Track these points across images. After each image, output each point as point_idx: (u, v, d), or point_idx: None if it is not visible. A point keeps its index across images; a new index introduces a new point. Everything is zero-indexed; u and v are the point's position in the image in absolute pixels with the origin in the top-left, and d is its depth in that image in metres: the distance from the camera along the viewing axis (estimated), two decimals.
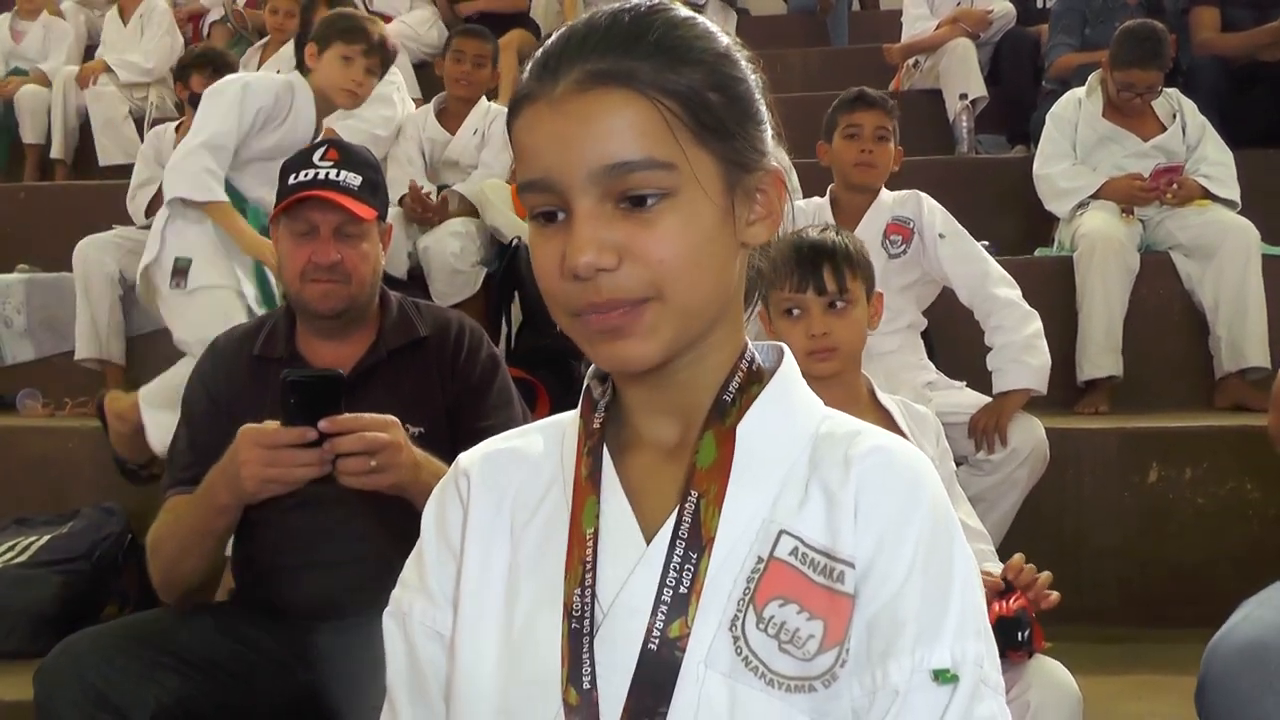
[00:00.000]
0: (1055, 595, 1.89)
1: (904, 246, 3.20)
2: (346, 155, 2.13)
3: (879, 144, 3.25)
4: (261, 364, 2.11)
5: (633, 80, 0.88)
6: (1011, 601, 1.82)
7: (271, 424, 1.76)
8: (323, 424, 1.72)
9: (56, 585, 2.97)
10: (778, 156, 0.97)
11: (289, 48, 5.24)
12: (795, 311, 2.07)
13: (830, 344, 2.05)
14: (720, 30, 0.95)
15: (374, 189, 2.12)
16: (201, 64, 4.84)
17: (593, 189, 0.87)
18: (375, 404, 2.01)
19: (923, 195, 3.25)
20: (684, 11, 0.94)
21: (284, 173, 2.16)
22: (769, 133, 0.96)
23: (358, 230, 2.09)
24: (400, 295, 2.25)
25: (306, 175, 2.11)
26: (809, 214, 3.15)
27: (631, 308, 0.88)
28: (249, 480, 1.76)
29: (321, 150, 2.12)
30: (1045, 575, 1.90)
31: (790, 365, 1.00)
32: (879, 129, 3.25)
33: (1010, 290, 3.09)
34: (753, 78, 0.96)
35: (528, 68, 0.93)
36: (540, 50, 0.93)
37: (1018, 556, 1.92)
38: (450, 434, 2.08)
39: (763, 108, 0.96)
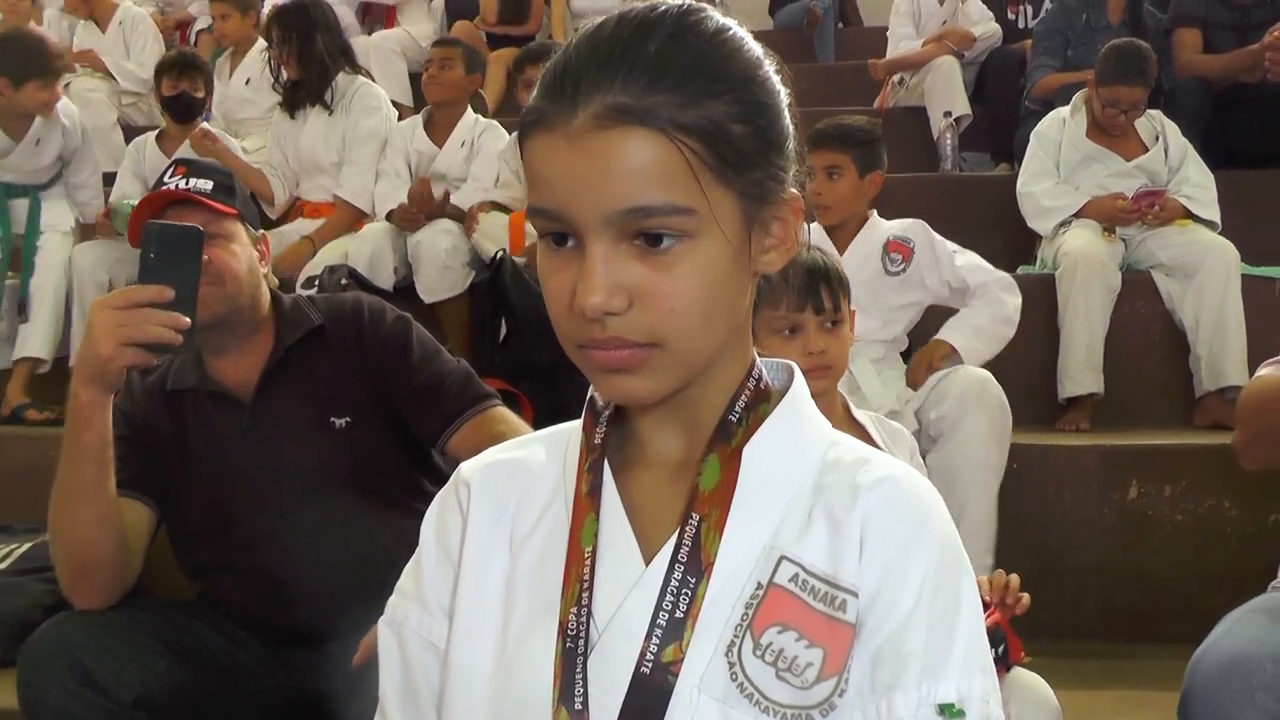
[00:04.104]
0: (1025, 598, 1.91)
1: (904, 265, 3.21)
2: (193, 166, 2.12)
3: (829, 183, 3.20)
4: (175, 397, 2.10)
5: (655, 119, 0.84)
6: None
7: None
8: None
9: (39, 593, 2.95)
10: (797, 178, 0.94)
11: (255, 54, 5.30)
12: (791, 330, 2.09)
13: (827, 362, 2.08)
14: (750, 40, 0.92)
15: (227, 191, 2.09)
16: (171, 68, 4.84)
17: (608, 230, 0.85)
18: (289, 406, 2.06)
19: (931, 230, 3.26)
20: (714, 22, 0.90)
21: None
22: (792, 154, 0.93)
23: (220, 229, 2.04)
24: (293, 295, 2.23)
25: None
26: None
27: (635, 350, 0.86)
28: (103, 343, 1.70)
29: (170, 169, 2.10)
30: (1014, 578, 1.92)
31: (801, 386, 0.98)
32: (830, 168, 3.20)
33: (1013, 299, 3.25)
34: (781, 94, 0.92)
35: (541, 81, 0.89)
36: (557, 63, 0.88)
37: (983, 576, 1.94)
38: (384, 416, 2.09)
39: (788, 125, 0.92)
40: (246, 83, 5.33)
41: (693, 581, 0.89)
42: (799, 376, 0.99)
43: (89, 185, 4.55)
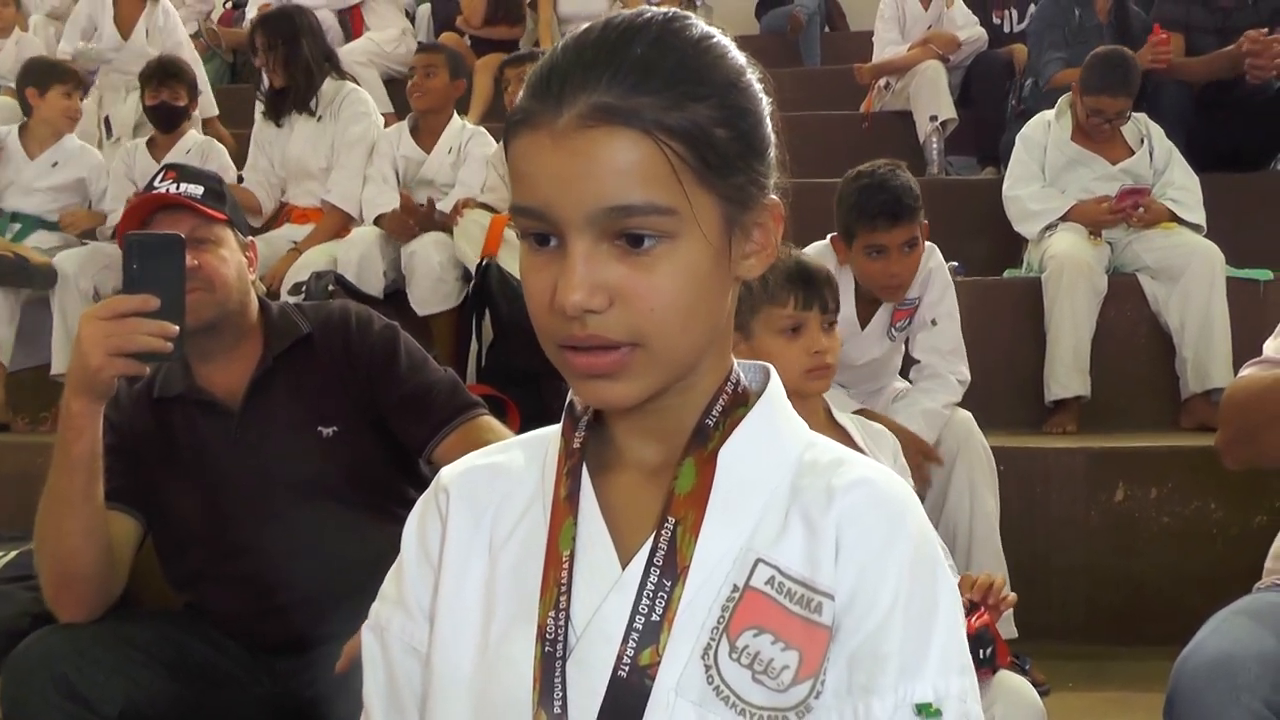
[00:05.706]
0: (1012, 596, 1.93)
1: (907, 322, 3.04)
2: (184, 171, 2.11)
3: (906, 257, 2.82)
4: (163, 405, 2.09)
5: (639, 119, 0.85)
6: (973, 620, 1.85)
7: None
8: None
9: (26, 601, 2.93)
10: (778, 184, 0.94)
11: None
12: (795, 329, 2.09)
13: (827, 361, 2.08)
14: (734, 49, 0.92)
15: (217, 197, 2.09)
16: (151, 77, 4.85)
17: (589, 229, 0.85)
18: (277, 414, 2.05)
19: (936, 269, 3.01)
20: (698, 30, 0.91)
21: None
22: (773, 161, 0.94)
23: (211, 235, 2.04)
24: (281, 302, 2.21)
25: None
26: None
27: (614, 352, 0.87)
28: (93, 354, 1.71)
29: (160, 174, 2.10)
30: (999, 579, 1.95)
31: (777, 387, 0.98)
32: (907, 242, 2.80)
33: (960, 369, 3.03)
34: (763, 102, 0.93)
35: (528, 82, 0.90)
36: (544, 64, 0.89)
37: (968, 574, 1.95)
38: (371, 425, 2.08)
39: (770, 133, 0.93)
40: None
41: (668, 585, 0.90)
42: (775, 378, 0.99)
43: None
